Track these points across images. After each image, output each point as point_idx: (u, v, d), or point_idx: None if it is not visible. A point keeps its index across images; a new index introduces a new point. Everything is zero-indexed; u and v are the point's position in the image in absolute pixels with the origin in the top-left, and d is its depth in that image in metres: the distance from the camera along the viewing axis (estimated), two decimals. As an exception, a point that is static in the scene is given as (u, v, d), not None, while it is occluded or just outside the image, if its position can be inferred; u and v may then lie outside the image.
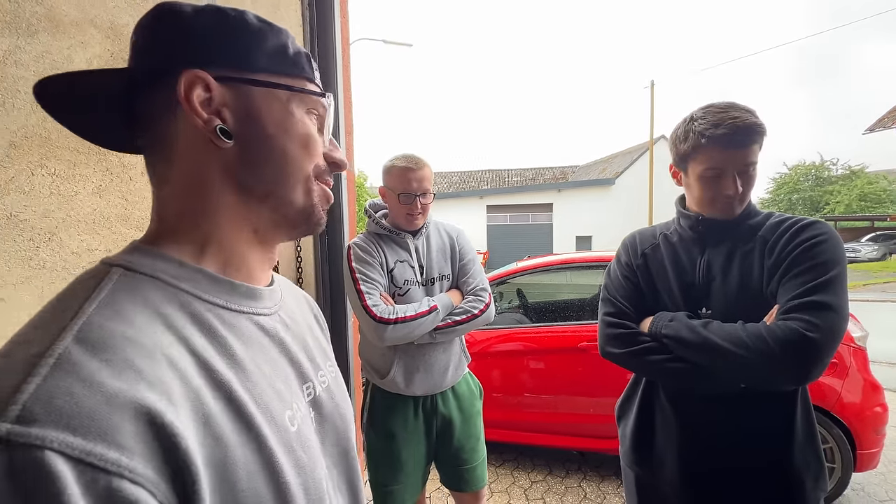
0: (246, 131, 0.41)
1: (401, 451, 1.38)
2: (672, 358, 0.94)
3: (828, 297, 0.81)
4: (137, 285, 0.36)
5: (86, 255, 0.91)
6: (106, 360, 0.29)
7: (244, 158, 0.41)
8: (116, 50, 0.97)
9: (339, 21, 1.86)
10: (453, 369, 1.42)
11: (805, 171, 28.93)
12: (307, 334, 0.51)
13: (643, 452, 1.07)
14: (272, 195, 0.43)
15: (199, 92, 0.39)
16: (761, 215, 1.00)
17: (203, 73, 0.39)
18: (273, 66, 0.42)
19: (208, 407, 0.33)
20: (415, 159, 1.35)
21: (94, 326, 0.31)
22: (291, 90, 0.43)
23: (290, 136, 0.43)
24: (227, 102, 0.40)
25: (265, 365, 0.41)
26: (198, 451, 0.31)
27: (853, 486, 2.37)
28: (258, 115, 0.41)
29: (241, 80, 0.41)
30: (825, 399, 2.11)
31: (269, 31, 0.42)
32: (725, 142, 0.90)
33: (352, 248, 1.37)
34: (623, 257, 1.12)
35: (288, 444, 0.38)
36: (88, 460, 0.26)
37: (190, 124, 0.39)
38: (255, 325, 0.42)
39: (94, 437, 0.26)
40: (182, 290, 0.37)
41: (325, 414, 0.48)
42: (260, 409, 0.37)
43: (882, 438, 2.16)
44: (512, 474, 2.71)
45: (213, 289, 0.40)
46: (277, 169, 0.42)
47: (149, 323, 0.33)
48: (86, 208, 0.90)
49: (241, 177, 0.41)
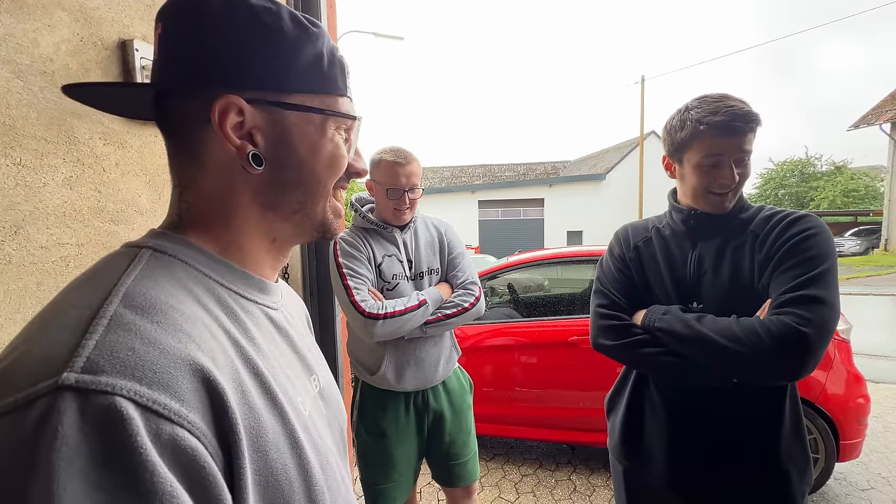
0: (277, 155, 0.41)
1: (392, 449, 1.36)
2: (664, 351, 0.93)
3: (819, 290, 0.81)
4: (168, 265, 0.37)
5: (55, 249, 0.86)
6: (157, 322, 0.31)
7: (273, 181, 0.41)
8: (86, 34, 0.92)
9: (326, 10, 1.81)
10: (444, 363, 1.40)
11: (791, 166, 29.40)
12: (305, 333, 0.53)
13: (632, 446, 1.07)
14: (297, 213, 0.44)
15: (232, 117, 0.38)
16: (752, 209, 0.99)
17: (237, 98, 0.38)
18: (308, 85, 0.41)
19: (242, 377, 0.34)
20: (403, 153, 1.32)
21: (139, 294, 0.32)
22: (325, 113, 0.42)
23: (319, 159, 0.43)
24: (260, 126, 0.40)
25: (277, 353, 0.42)
26: (240, 416, 0.32)
27: (836, 475, 2.42)
28: (290, 140, 0.41)
29: (275, 103, 0.40)
30: (810, 391, 2.14)
31: (306, 39, 0.40)
32: (723, 128, 0.89)
33: (338, 243, 1.34)
34: (616, 249, 1.11)
35: (304, 425, 0.39)
36: (154, 408, 0.27)
37: (221, 145, 0.39)
38: (265, 316, 0.43)
39: (159, 387, 0.28)
40: (205, 275, 0.39)
41: (330, 405, 0.49)
42: (280, 386, 0.38)
43: (864, 429, 2.21)
44: (502, 468, 2.71)
45: (233, 278, 0.41)
46: (305, 191, 0.43)
47: (184, 296, 0.35)
48: (55, 200, 0.86)
49: (269, 197, 0.42)
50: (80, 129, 0.91)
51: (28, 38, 0.83)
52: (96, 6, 0.94)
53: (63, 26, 0.88)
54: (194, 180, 0.40)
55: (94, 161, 0.93)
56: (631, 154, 19.40)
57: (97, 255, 0.94)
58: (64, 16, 0.88)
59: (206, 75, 0.38)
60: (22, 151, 0.81)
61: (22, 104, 0.81)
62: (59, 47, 0.88)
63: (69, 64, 0.89)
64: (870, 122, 16.41)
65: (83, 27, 0.92)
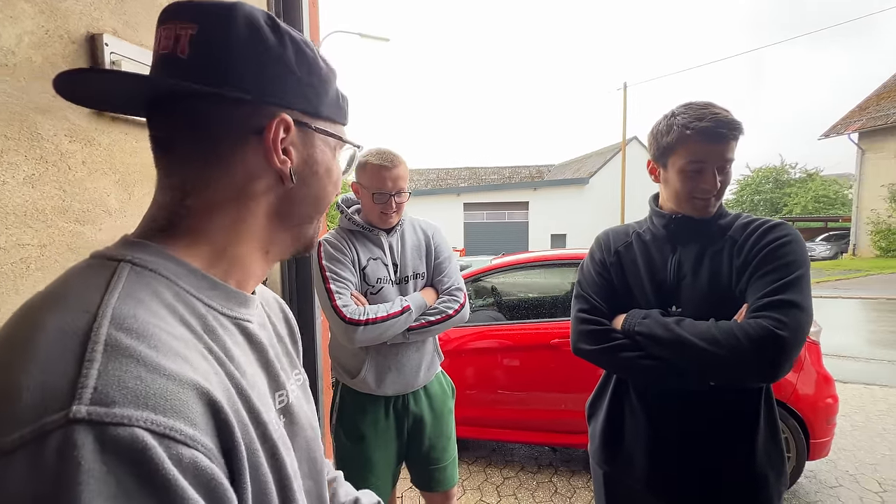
0: (303, 172, 0.44)
1: (371, 452, 1.34)
2: (644, 355, 0.94)
3: (794, 295, 0.83)
4: (150, 282, 0.36)
5: (15, 250, 0.82)
6: (154, 346, 0.30)
7: (293, 195, 0.44)
8: (52, 27, 0.87)
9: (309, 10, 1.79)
10: (426, 369, 1.39)
11: (767, 173, 30.39)
12: (277, 343, 0.51)
13: (612, 450, 1.08)
14: (299, 227, 0.46)
15: (281, 133, 0.41)
16: (730, 216, 1.01)
17: (288, 117, 0.41)
18: (331, 113, 0.45)
19: (233, 396, 0.35)
20: (389, 156, 1.29)
21: (128, 316, 0.31)
22: (342, 140, 0.47)
23: (331, 179, 0.47)
24: (296, 143, 0.43)
25: (251, 369, 0.42)
26: (240, 435, 0.32)
27: (806, 473, 2.50)
28: (315, 159, 0.45)
29: (313, 127, 0.44)
30: (782, 391, 2.20)
31: (332, 76, 0.45)
32: (708, 134, 0.92)
33: (322, 245, 1.31)
34: (597, 254, 1.12)
35: (283, 440, 0.40)
36: (172, 435, 0.27)
37: (261, 156, 0.41)
38: (240, 331, 0.43)
39: (173, 414, 0.28)
40: (188, 293, 0.38)
41: (295, 422, 0.48)
42: (261, 404, 0.38)
43: (833, 428, 2.28)
44: (484, 471, 2.71)
45: (214, 293, 0.40)
46: (314, 207, 0.47)
47: (170, 316, 0.34)
48: (15, 199, 0.81)
49: (282, 208, 0.44)
50: (44, 126, 0.86)
51: (-13, 28, 0.78)
52: (63, -3, 0.89)
53: (26, 18, 0.84)
54: (209, 185, 0.40)
55: (58, 159, 0.89)
56: (614, 159, 19.75)
57: (61, 256, 0.89)
58: (27, 7, 0.84)
59: (260, 90, 0.40)
60: (-21, 148, 0.77)
61: (-21, 98, 0.77)
62: (22, 39, 0.83)
63: (32, 57, 0.85)
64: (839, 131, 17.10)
65: (48, 19, 0.87)
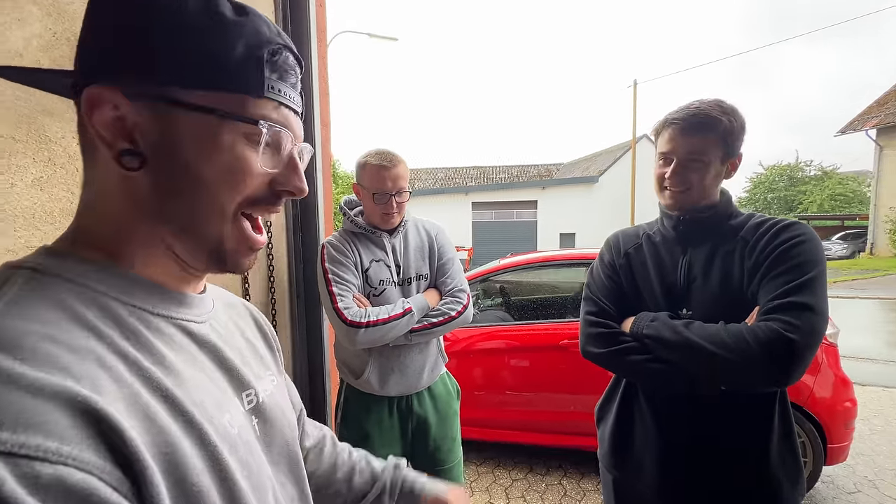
0: (158, 157, 0.36)
1: (375, 451, 1.33)
2: (652, 358, 0.92)
3: (807, 297, 0.81)
4: (47, 287, 0.33)
5: (24, 252, 0.82)
6: (22, 359, 0.27)
7: (157, 189, 0.37)
8: (59, 30, 0.88)
9: (315, 10, 1.78)
10: (429, 370, 1.38)
11: (780, 171, 29.83)
12: (242, 344, 0.49)
13: (622, 455, 1.06)
14: (186, 230, 0.38)
15: (106, 112, 0.34)
16: (742, 216, 0.99)
17: (110, 91, 0.34)
18: (206, 80, 0.35)
19: (146, 401, 0.32)
20: (389, 156, 1.29)
21: (3, 328, 0.29)
22: (218, 115, 0.35)
23: (210, 168, 0.37)
24: (140, 123, 0.35)
25: (195, 371, 0.39)
26: (142, 442, 0.29)
27: (823, 478, 2.44)
28: (174, 141, 0.36)
29: (159, 97, 0.35)
30: (798, 395, 2.15)
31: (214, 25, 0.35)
32: (676, 127, 0.93)
33: (325, 248, 1.32)
34: (606, 257, 1.11)
35: (232, 445, 0.37)
36: (23, 452, 0.24)
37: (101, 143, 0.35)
38: (182, 332, 0.40)
39: (25, 428, 0.25)
40: (100, 293, 0.35)
41: (270, 421, 0.46)
42: (197, 407, 0.35)
43: (851, 432, 2.22)
44: (493, 472, 2.69)
45: (138, 292, 0.37)
46: (194, 205, 0.37)
47: (67, 323, 0.31)
48: (23, 202, 0.82)
49: (154, 206, 0.37)
50: (52, 128, 0.87)
51: (-5, 32, 0.79)
52: (70, 1, 0.90)
53: (34, 21, 0.85)
54: (88, 179, 0.38)
55: (66, 161, 0.90)
56: (623, 157, 19.54)
57: (69, 258, 0.90)
58: (35, 10, 0.85)
59: (86, 65, 0.35)
60: (-12, 151, 0.78)
61: (-12, 101, 0.78)
62: (30, 42, 0.84)
63: (40, 60, 0.85)
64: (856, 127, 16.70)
65: (56, 22, 0.88)
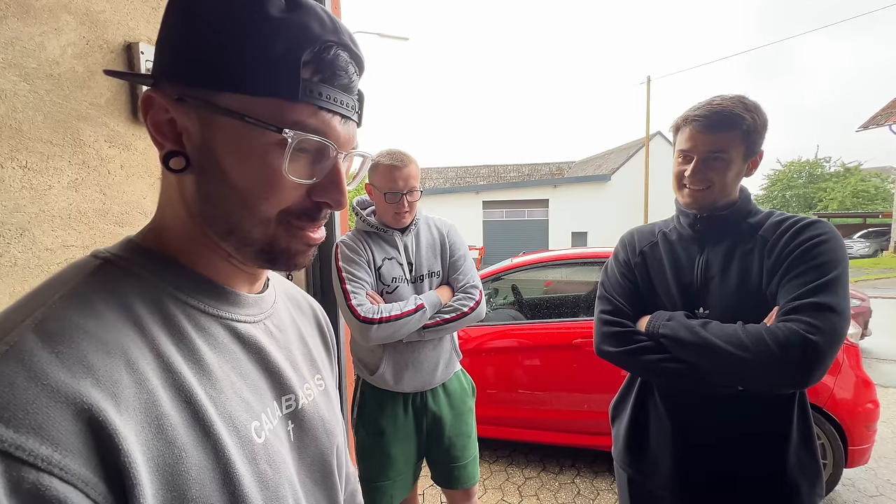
0: (200, 161, 0.37)
1: (390, 447, 1.37)
2: (668, 358, 0.92)
3: (829, 298, 0.79)
4: (115, 279, 0.35)
5: (61, 251, 0.87)
6: (57, 353, 0.28)
7: (200, 192, 0.38)
8: (92, 38, 0.92)
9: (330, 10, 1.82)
10: (443, 367, 1.40)
11: (799, 167, 29.09)
12: (295, 344, 0.49)
13: (636, 454, 1.06)
14: (232, 235, 0.38)
15: (159, 114, 0.36)
16: (762, 214, 0.98)
17: (160, 94, 0.35)
18: (235, 83, 0.34)
19: (163, 410, 0.32)
20: (400, 156, 1.31)
21: (56, 317, 0.30)
22: (245, 120, 0.34)
23: (244, 175, 0.36)
24: (187, 126, 0.36)
25: (233, 373, 0.39)
26: (141, 454, 0.29)
27: (843, 481, 2.39)
28: (213, 145, 0.36)
29: (199, 101, 0.35)
30: (818, 396, 2.11)
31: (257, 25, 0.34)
32: (696, 123, 0.92)
33: (339, 247, 1.35)
34: (621, 255, 1.10)
35: (251, 456, 0.37)
36: (17, 454, 0.24)
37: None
38: (229, 332, 0.40)
39: (28, 430, 0.25)
40: (160, 288, 0.37)
41: (307, 428, 0.45)
42: (221, 416, 0.35)
43: (873, 434, 2.17)
44: (506, 470, 2.70)
45: (194, 290, 0.39)
46: (234, 211, 0.37)
47: (115, 319, 0.32)
48: (60, 203, 0.86)
49: (201, 210, 0.38)
50: (86, 132, 0.91)
51: (34, 41, 0.83)
52: (102, 9, 0.94)
53: (69, 29, 0.89)
54: (161, 181, 0.40)
55: (99, 163, 0.94)
56: (636, 155, 19.28)
57: (102, 257, 0.94)
58: (70, 19, 0.89)
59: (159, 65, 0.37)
60: (28, 154, 0.82)
61: (28, 107, 0.82)
62: (66, 50, 0.88)
63: (75, 67, 0.89)
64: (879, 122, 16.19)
65: (89, 30, 0.92)
